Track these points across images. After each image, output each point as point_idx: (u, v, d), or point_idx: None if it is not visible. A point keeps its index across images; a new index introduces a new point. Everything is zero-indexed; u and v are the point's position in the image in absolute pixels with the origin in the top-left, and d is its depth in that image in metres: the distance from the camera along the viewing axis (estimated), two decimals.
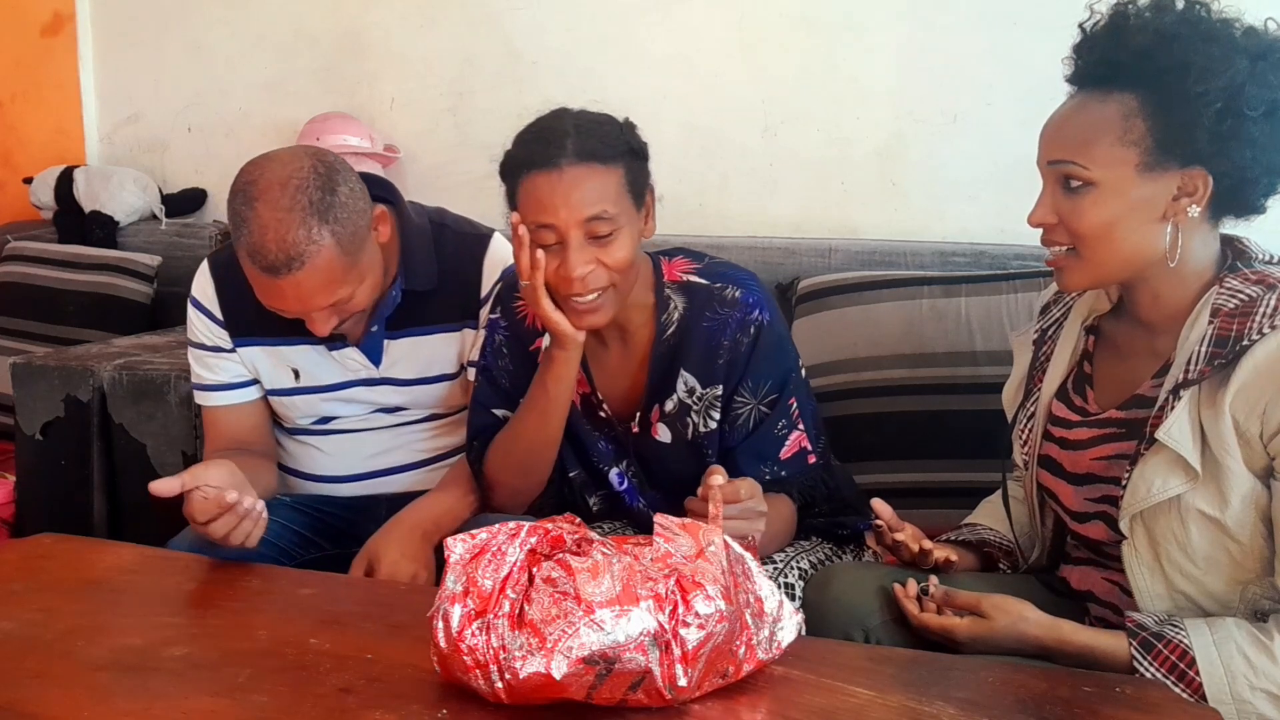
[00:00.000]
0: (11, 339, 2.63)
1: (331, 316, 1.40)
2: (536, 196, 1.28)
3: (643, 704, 0.91)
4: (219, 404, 1.60)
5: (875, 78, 2.33)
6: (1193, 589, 1.15)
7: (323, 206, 1.32)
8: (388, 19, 2.69)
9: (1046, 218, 1.17)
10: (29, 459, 2.10)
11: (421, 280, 1.53)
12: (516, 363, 1.48)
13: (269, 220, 1.30)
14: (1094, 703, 0.97)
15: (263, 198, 1.31)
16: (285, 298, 1.36)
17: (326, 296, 1.36)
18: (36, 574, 1.26)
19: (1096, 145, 1.13)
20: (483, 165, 2.62)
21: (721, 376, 1.40)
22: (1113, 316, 1.29)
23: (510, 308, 1.50)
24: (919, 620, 1.21)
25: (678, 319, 1.41)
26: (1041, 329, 1.37)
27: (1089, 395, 1.28)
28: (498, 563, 0.93)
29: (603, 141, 1.30)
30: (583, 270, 1.28)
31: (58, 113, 3.03)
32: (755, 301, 1.39)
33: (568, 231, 1.27)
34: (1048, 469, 1.30)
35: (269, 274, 1.32)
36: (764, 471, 1.40)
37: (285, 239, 1.29)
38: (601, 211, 1.27)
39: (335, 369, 1.56)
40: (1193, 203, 1.12)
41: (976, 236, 2.26)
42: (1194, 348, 1.12)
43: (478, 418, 1.50)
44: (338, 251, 1.33)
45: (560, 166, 1.27)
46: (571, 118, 1.33)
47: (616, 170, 1.30)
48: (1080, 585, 1.29)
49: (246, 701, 0.95)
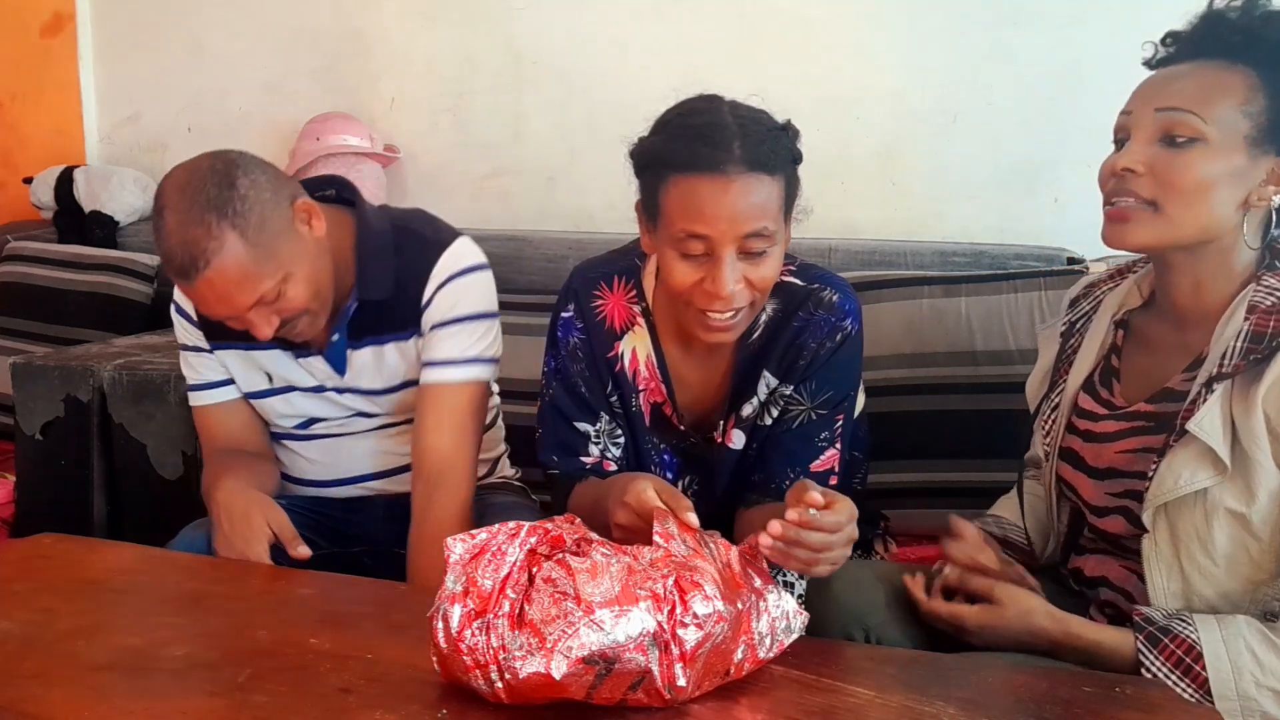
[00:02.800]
0: (11, 339, 2.63)
1: (270, 316, 1.37)
2: (695, 203, 1.16)
3: (642, 704, 0.91)
4: (208, 403, 1.60)
5: (875, 78, 2.33)
6: (1208, 588, 1.15)
7: (219, 202, 1.30)
8: (388, 19, 2.69)
9: (1136, 164, 1.15)
10: (29, 459, 2.10)
11: (375, 289, 1.48)
12: (592, 369, 1.39)
13: (173, 226, 1.31)
14: (1094, 703, 0.97)
15: (168, 205, 1.32)
16: (207, 301, 1.35)
17: (247, 294, 1.33)
18: (36, 574, 1.25)
19: (1218, 104, 1.13)
20: (483, 165, 2.65)
21: (797, 377, 1.34)
22: (1143, 311, 1.29)
23: (590, 307, 1.39)
24: (928, 608, 1.21)
25: (765, 320, 1.35)
26: (1070, 321, 1.37)
27: (1115, 389, 1.28)
28: (497, 563, 0.93)
29: (771, 149, 1.19)
30: (733, 288, 1.19)
31: (58, 113, 3.03)
32: (850, 310, 1.34)
33: (723, 246, 1.18)
34: (1069, 462, 1.30)
35: (183, 279, 1.33)
36: (790, 475, 1.34)
37: (186, 239, 1.30)
38: (762, 228, 1.17)
39: (304, 375, 1.56)
40: (1277, 193, 1.14)
41: (976, 236, 2.26)
42: (1230, 342, 1.13)
43: (560, 431, 1.40)
44: (243, 245, 1.31)
45: (728, 174, 1.15)
46: (732, 112, 1.21)
47: (779, 181, 1.19)
48: (1094, 572, 1.29)
49: (246, 701, 0.95)
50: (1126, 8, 2.13)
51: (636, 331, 1.39)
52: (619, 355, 1.39)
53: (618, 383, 1.40)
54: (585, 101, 2.56)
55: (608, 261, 1.42)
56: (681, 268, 1.20)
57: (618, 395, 1.41)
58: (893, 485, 1.93)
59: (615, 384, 1.40)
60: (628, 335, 1.39)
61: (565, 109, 2.57)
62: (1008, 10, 2.24)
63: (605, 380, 1.40)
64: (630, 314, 1.39)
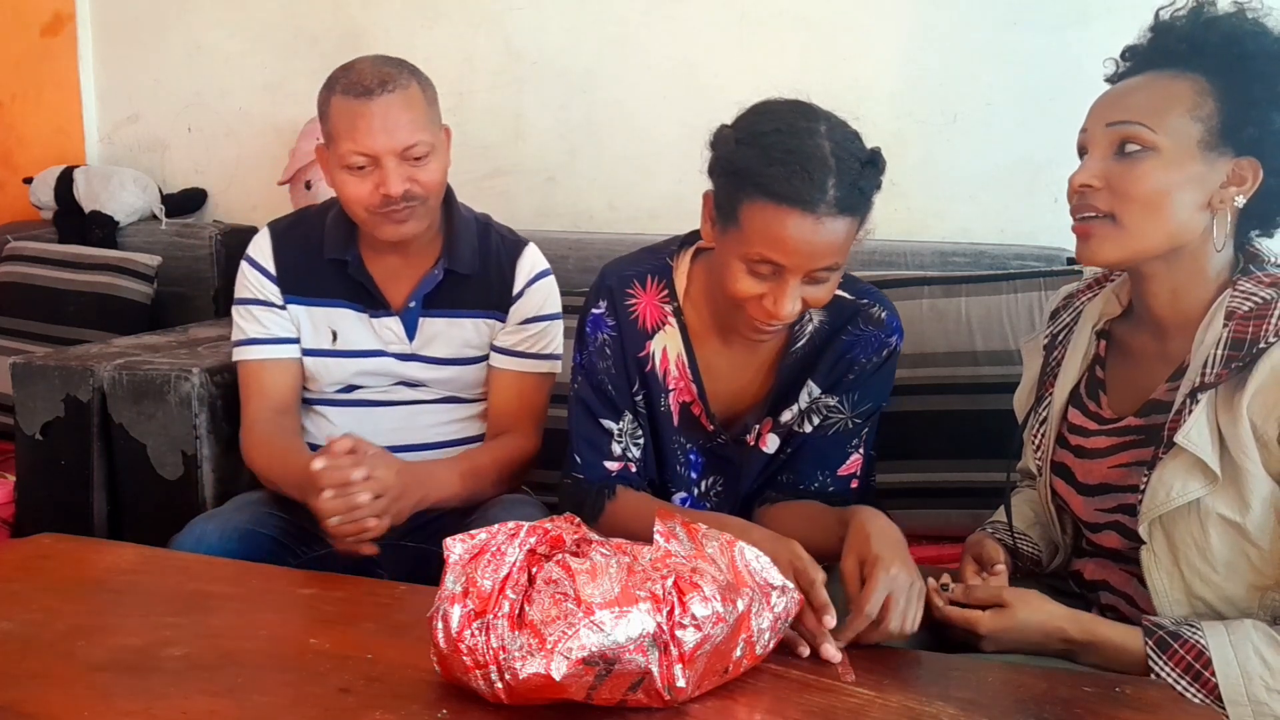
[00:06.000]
0: (11, 339, 2.63)
1: (406, 175, 1.48)
2: (779, 233, 1.17)
3: (642, 704, 0.91)
4: (267, 357, 1.64)
5: (875, 78, 2.33)
6: (1211, 595, 1.15)
7: (410, 66, 1.53)
8: (388, 19, 2.69)
9: (1092, 179, 1.17)
10: (29, 459, 2.10)
11: (464, 264, 1.61)
12: (619, 367, 1.41)
13: (365, 64, 1.50)
14: (1094, 703, 0.97)
15: (359, 60, 1.51)
16: (373, 126, 1.46)
17: (410, 132, 1.47)
18: (36, 574, 1.25)
19: (1167, 113, 1.14)
20: (483, 165, 2.65)
21: (843, 389, 1.37)
22: (1123, 321, 1.29)
23: (623, 305, 1.40)
24: (942, 614, 1.21)
25: (810, 331, 1.37)
26: (1052, 334, 1.36)
27: (1102, 400, 1.27)
28: (497, 563, 0.93)
29: (862, 190, 1.19)
30: (793, 310, 1.22)
31: (58, 113, 3.03)
32: (896, 327, 1.38)
33: (792, 276, 1.20)
34: (1061, 476, 1.30)
35: (364, 97, 1.46)
36: (819, 478, 1.38)
37: (380, 70, 1.48)
38: (834, 264, 1.21)
39: (371, 337, 1.63)
40: (1240, 193, 1.14)
41: (976, 236, 2.26)
42: (1210, 350, 1.12)
43: (586, 428, 1.42)
44: (423, 97, 1.51)
45: (818, 214, 1.15)
46: (829, 137, 1.19)
47: (859, 219, 1.21)
48: (1094, 576, 1.28)
49: (246, 701, 0.95)
50: (1127, 8, 2.13)
51: (668, 331, 1.40)
52: (649, 355, 1.40)
53: (645, 382, 1.41)
54: (585, 101, 2.56)
55: (639, 260, 1.44)
56: (748, 282, 1.22)
57: (644, 394, 1.42)
58: (893, 485, 1.93)
59: (643, 383, 1.41)
60: (659, 334, 1.40)
61: (565, 109, 2.57)
62: (1008, 10, 2.24)
63: (633, 378, 1.41)
64: (662, 313, 1.40)
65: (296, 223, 1.69)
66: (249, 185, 2.84)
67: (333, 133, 1.50)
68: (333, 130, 1.50)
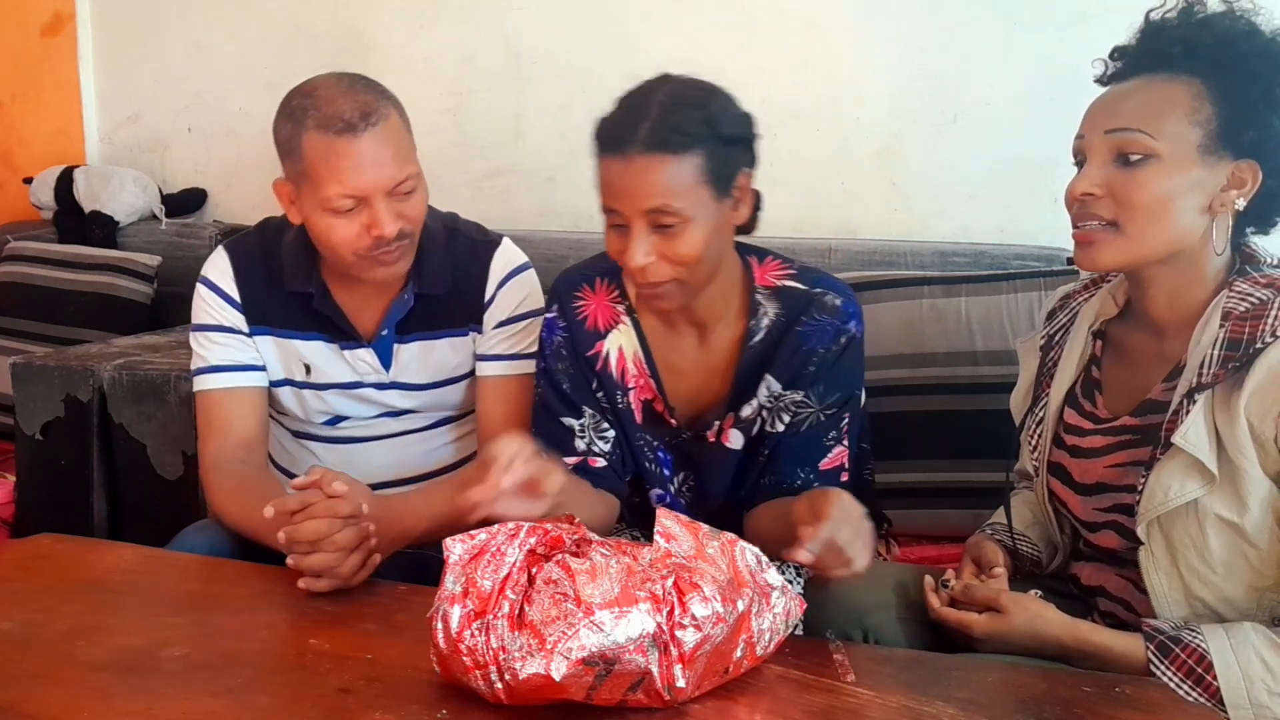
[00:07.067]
0: (11, 339, 2.63)
1: (396, 212, 1.38)
2: (605, 181, 1.25)
3: (642, 704, 0.91)
4: (229, 386, 1.51)
5: (875, 78, 2.33)
6: (1210, 596, 1.14)
7: (379, 87, 1.41)
8: (388, 19, 2.69)
9: (1094, 188, 1.16)
10: (29, 459, 2.10)
11: (434, 284, 1.52)
12: (575, 367, 1.42)
13: (335, 92, 1.37)
14: (1094, 703, 0.97)
15: (322, 83, 1.39)
16: (362, 165, 1.35)
17: (399, 167, 1.37)
18: (36, 574, 1.25)
19: (1165, 118, 1.13)
20: (483, 165, 2.65)
21: (806, 382, 1.36)
22: (1119, 321, 1.29)
23: (570, 307, 1.43)
24: (938, 614, 1.21)
25: (767, 325, 1.37)
26: (1048, 334, 1.36)
27: (1098, 400, 1.27)
28: (497, 563, 0.93)
29: (679, 130, 1.20)
30: (642, 260, 1.23)
31: (58, 113, 3.03)
32: (853, 312, 1.36)
33: (634, 224, 1.23)
34: (1058, 477, 1.30)
35: (348, 133, 1.34)
36: (800, 475, 1.37)
37: (357, 99, 1.36)
38: (664, 205, 1.21)
39: (345, 369, 1.55)
40: (1240, 195, 1.14)
41: (976, 236, 2.26)
42: (1206, 351, 1.12)
43: (547, 426, 1.43)
44: (402, 123, 1.40)
45: (627, 156, 1.20)
46: (662, 91, 1.24)
47: (689, 158, 1.20)
48: (1091, 581, 1.28)
49: (246, 701, 0.95)
50: (1127, 8, 2.13)
51: (621, 330, 1.42)
52: (601, 354, 1.41)
53: (601, 381, 1.42)
54: (585, 101, 2.55)
55: (590, 264, 1.46)
56: (610, 237, 1.27)
57: (603, 393, 1.43)
58: (892, 485, 1.93)
59: (600, 383, 1.43)
60: (612, 334, 1.41)
61: (565, 109, 2.57)
62: (1007, 10, 2.24)
63: (589, 377, 1.42)
64: (614, 313, 1.42)
65: (256, 245, 1.56)
66: (249, 185, 2.83)
67: (309, 172, 1.37)
68: (309, 170, 1.37)
